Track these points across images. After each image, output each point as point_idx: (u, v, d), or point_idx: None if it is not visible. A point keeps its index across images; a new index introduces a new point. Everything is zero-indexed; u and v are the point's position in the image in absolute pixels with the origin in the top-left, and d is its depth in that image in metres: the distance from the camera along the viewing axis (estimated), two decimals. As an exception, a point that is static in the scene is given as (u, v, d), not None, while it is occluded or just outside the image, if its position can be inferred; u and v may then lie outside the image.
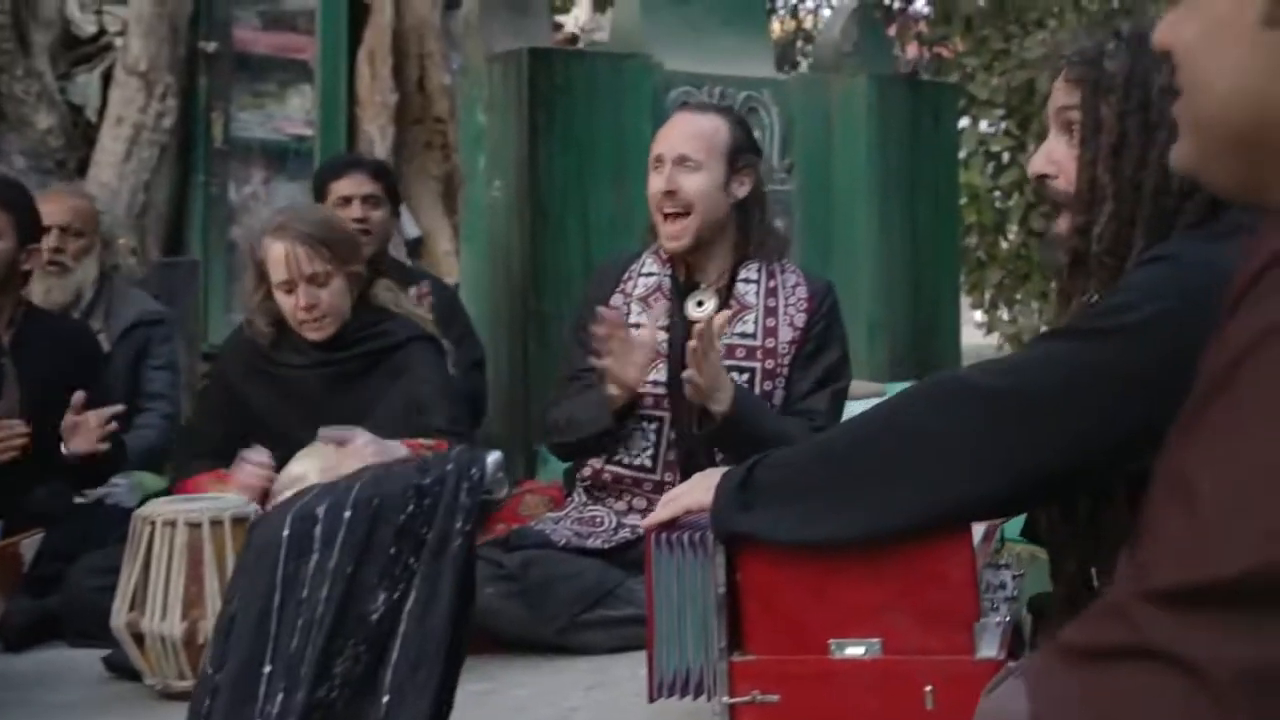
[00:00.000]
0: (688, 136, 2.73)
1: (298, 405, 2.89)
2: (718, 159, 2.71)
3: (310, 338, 2.87)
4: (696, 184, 2.69)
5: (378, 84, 6.39)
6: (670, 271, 2.79)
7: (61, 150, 5.99)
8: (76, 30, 6.08)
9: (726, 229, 2.75)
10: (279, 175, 6.36)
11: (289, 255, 2.78)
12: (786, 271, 2.80)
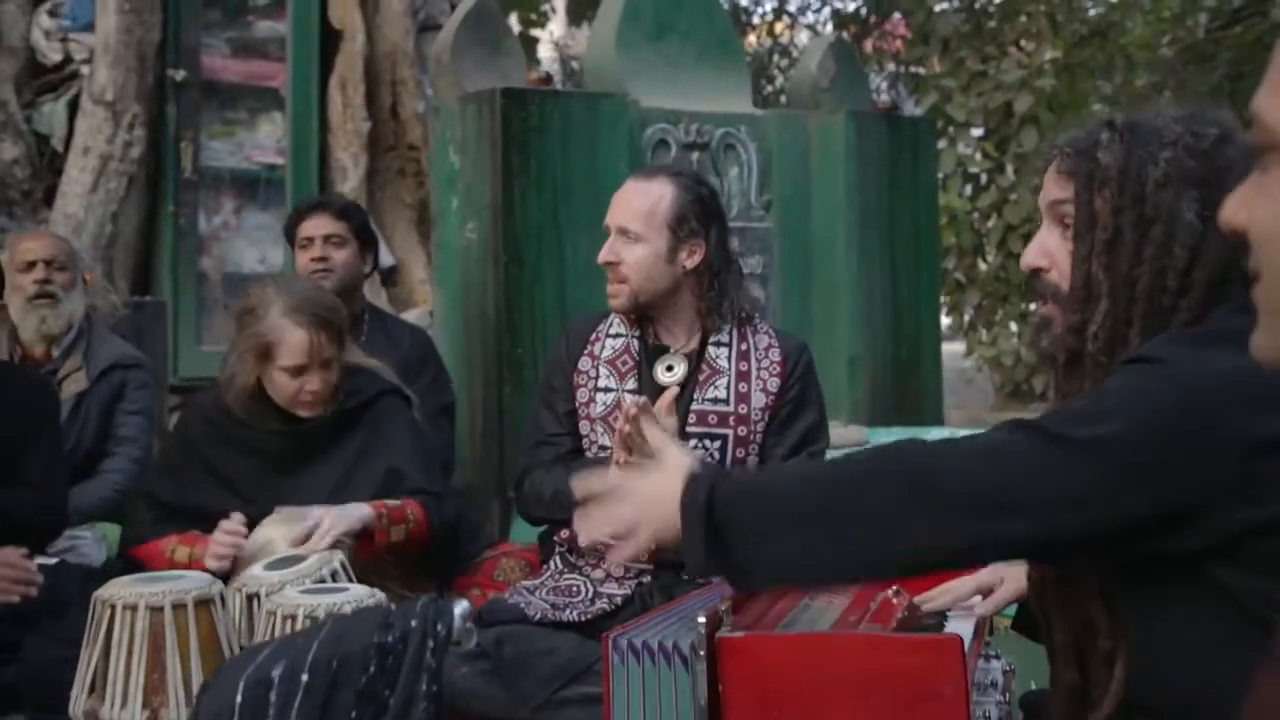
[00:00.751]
0: (628, 207, 2.69)
1: (268, 468, 2.82)
2: (659, 230, 2.65)
3: (302, 416, 2.80)
4: (634, 256, 2.65)
5: (350, 111, 6.31)
6: (638, 334, 2.73)
7: (27, 180, 5.88)
8: (42, 58, 5.97)
9: (681, 295, 2.69)
10: (250, 204, 6.26)
11: (312, 343, 2.73)
12: (759, 333, 2.74)
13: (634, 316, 2.72)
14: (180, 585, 2.23)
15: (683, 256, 2.68)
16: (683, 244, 2.67)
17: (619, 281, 2.67)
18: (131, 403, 3.62)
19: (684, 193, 2.70)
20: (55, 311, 3.53)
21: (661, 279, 2.66)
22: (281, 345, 2.73)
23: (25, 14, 5.93)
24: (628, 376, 2.68)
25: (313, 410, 2.79)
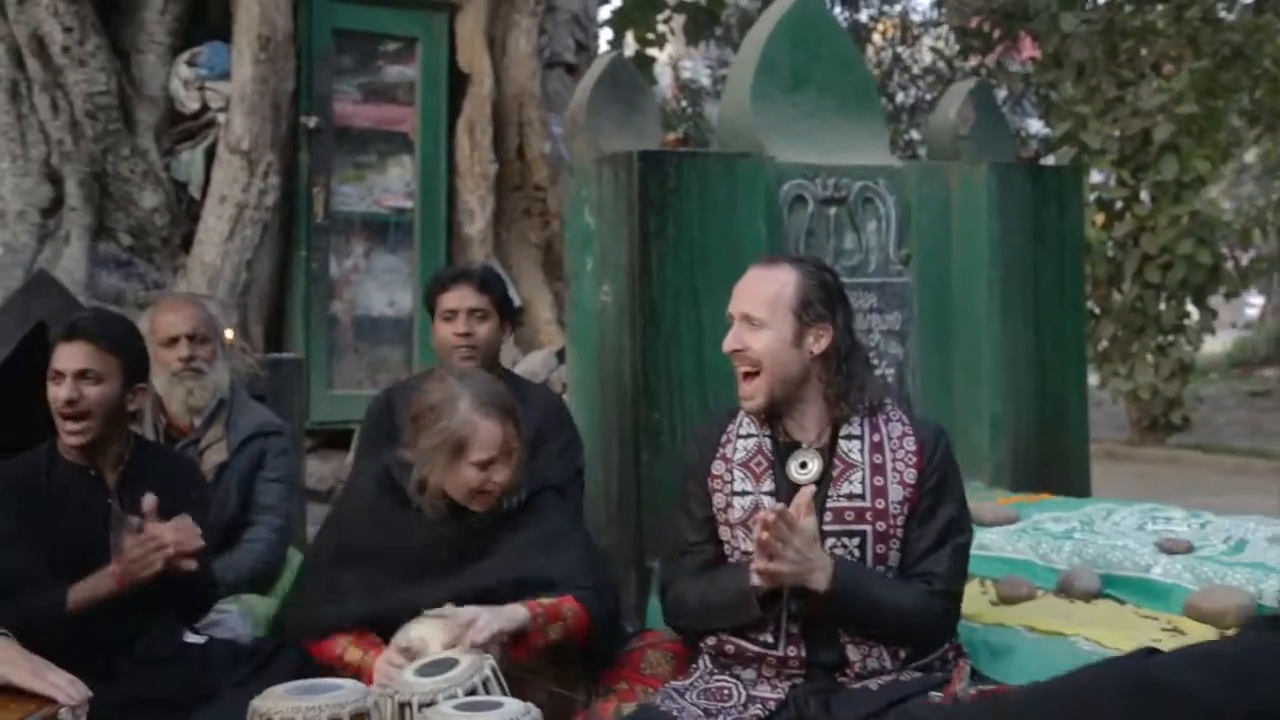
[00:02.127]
0: (752, 294, 2.64)
1: (431, 559, 2.80)
2: (784, 315, 2.59)
3: (477, 508, 2.79)
4: (760, 341, 2.60)
5: (477, 154, 6.34)
6: (769, 432, 2.66)
7: (166, 228, 6.01)
8: (180, 107, 6.10)
9: (810, 385, 2.62)
10: (379, 248, 6.33)
11: (505, 435, 2.74)
12: (891, 421, 2.65)
13: (765, 415, 2.65)
14: (337, 699, 2.21)
15: (809, 342, 2.61)
16: (809, 329, 2.61)
17: (750, 375, 2.61)
18: (272, 470, 3.63)
19: (807, 278, 2.65)
20: (201, 384, 3.56)
21: (791, 364, 2.60)
22: (474, 440, 2.72)
23: (165, 64, 6.07)
24: (763, 478, 2.62)
25: (489, 504, 2.78)
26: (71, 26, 5.69)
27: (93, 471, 3.01)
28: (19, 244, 5.78)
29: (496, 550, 2.79)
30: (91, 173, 5.84)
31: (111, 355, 2.95)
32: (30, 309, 4.41)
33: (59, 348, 2.95)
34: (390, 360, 6.31)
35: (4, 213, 5.80)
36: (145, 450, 3.17)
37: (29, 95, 5.81)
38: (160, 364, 3.55)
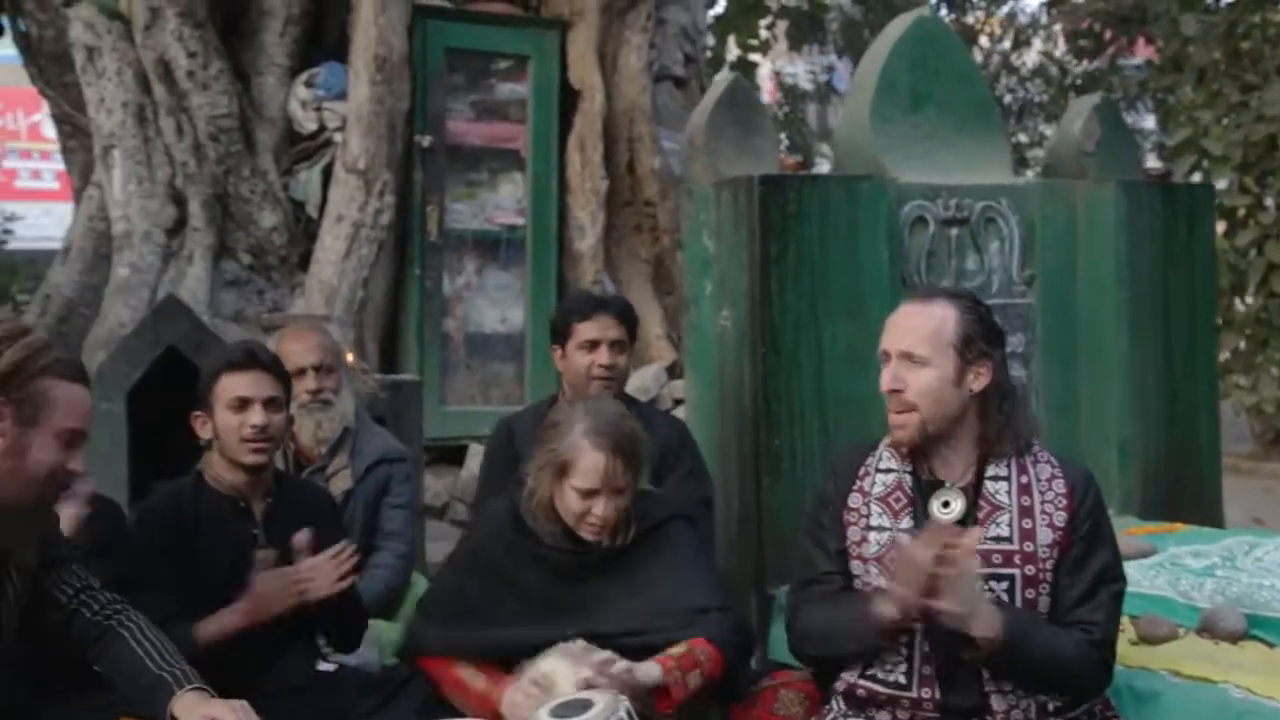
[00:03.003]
0: (911, 330, 2.56)
1: (555, 586, 2.81)
2: (945, 352, 2.52)
3: (585, 537, 2.79)
4: (921, 381, 2.52)
5: (588, 170, 6.36)
6: (910, 468, 2.60)
7: (284, 247, 6.12)
8: (298, 127, 6.20)
9: (965, 423, 2.55)
10: (491, 265, 6.38)
11: (607, 467, 2.73)
12: (1040, 463, 2.57)
13: (907, 450, 2.60)
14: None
15: (969, 379, 2.55)
16: (970, 366, 2.54)
17: (905, 410, 2.55)
18: (396, 496, 3.67)
19: (967, 313, 2.58)
20: (329, 415, 3.61)
21: (950, 403, 2.53)
22: (576, 465, 2.74)
23: (283, 85, 6.17)
24: (902, 514, 2.56)
25: (596, 536, 2.78)
26: (196, 51, 5.81)
27: (242, 503, 3.07)
28: (145, 264, 5.92)
29: (622, 581, 2.78)
30: (214, 194, 5.97)
31: (281, 383, 3.06)
32: (160, 333, 4.52)
33: (236, 375, 3.01)
34: (502, 376, 6.36)
35: (130, 234, 5.94)
36: (284, 482, 3.23)
37: (155, 119, 5.95)
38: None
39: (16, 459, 2.36)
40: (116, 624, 2.56)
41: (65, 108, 6.69)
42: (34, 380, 2.36)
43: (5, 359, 2.34)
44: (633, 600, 2.76)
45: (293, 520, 3.14)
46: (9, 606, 2.50)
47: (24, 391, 2.35)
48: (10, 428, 2.35)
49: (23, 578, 2.52)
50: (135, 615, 2.59)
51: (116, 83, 5.90)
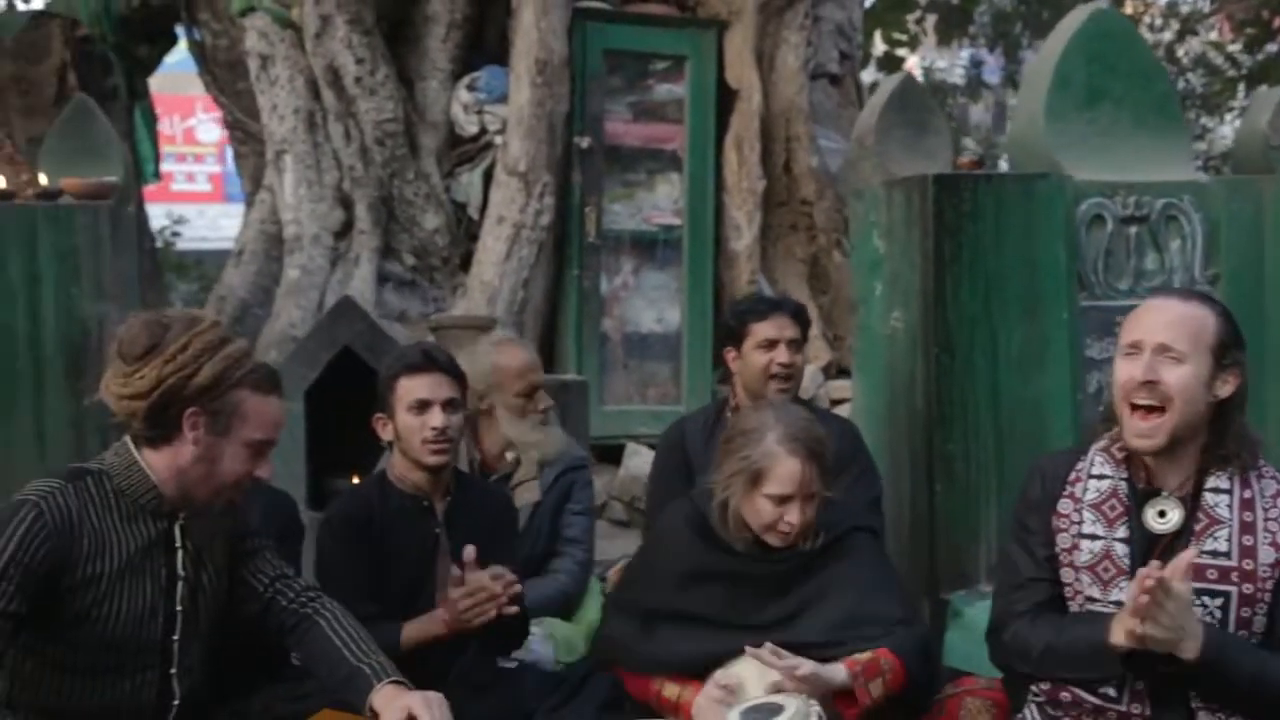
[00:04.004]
0: (1171, 324, 2.44)
1: (739, 592, 2.81)
2: (1204, 353, 2.43)
3: (773, 544, 2.80)
4: (1177, 376, 2.41)
5: (745, 170, 6.35)
6: (1126, 475, 2.52)
7: (446, 248, 6.24)
8: (460, 130, 6.32)
9: (1199, 431, 2.46)
10: (648, 265, 6.41)
11: (803, 474, 2.74)
12: (1264, 478, 2.47)
13: (1123, 455, 2.52)
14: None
15: (1217, 385, 2.45)
16: (1221, 372, 2.45)
17: (1152, 410, 2.43)
18: (577, 503, 3.71)
19: (1222, 317, 2.48)
20: (551, 434, 3.65)
21: (1198, 405, 2.42)
22: (771, 473, 2.74)
23: (446, 90, 6.30)
24: (1116, 523, 2.48)
25: (784, 542, 2.77)
26: (363, 58, 5.97)
27: (425, 502, 3.14)
28: (314, 266, 6.10)
29: (810, 591, 2.77)
30: (379, 196, 6.12)
31: (460, 384, 3.12)
32: (336, 334, 4.65)
33: (417, 378, 3.09)
34: (659, 376, 6.39)
35: (300, 236, 6.12)
36: (463, 482, 3.30)
37: (324, 124, 6.13)
38: (511, 409, 3.64)
39: (208, 466, 2.46)
40: (312, 611, 2.63)
41: (237, 114, 6.93)
42: (230, 393, 2.44)
43: (205, 372, 2.41)
44: (819, 610, 2.75)
45: (472, 519, 3.21)
46: (205, 597, 2.59)
47: (220, 403, 2.43)
48: (203, 437, 2.43)
49: (217, 570, 2.62)
50: (330, 603, 2.66)
51: (288, 89, 6.09)
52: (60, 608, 2.39)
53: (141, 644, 2.47)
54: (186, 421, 2.43)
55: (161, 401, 2.41)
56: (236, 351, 2.47)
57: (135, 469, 2.46)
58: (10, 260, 4.77)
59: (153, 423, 2.44)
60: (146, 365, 2.43)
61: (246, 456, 2.48)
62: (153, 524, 2.48)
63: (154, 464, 2.46)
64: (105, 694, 2.45)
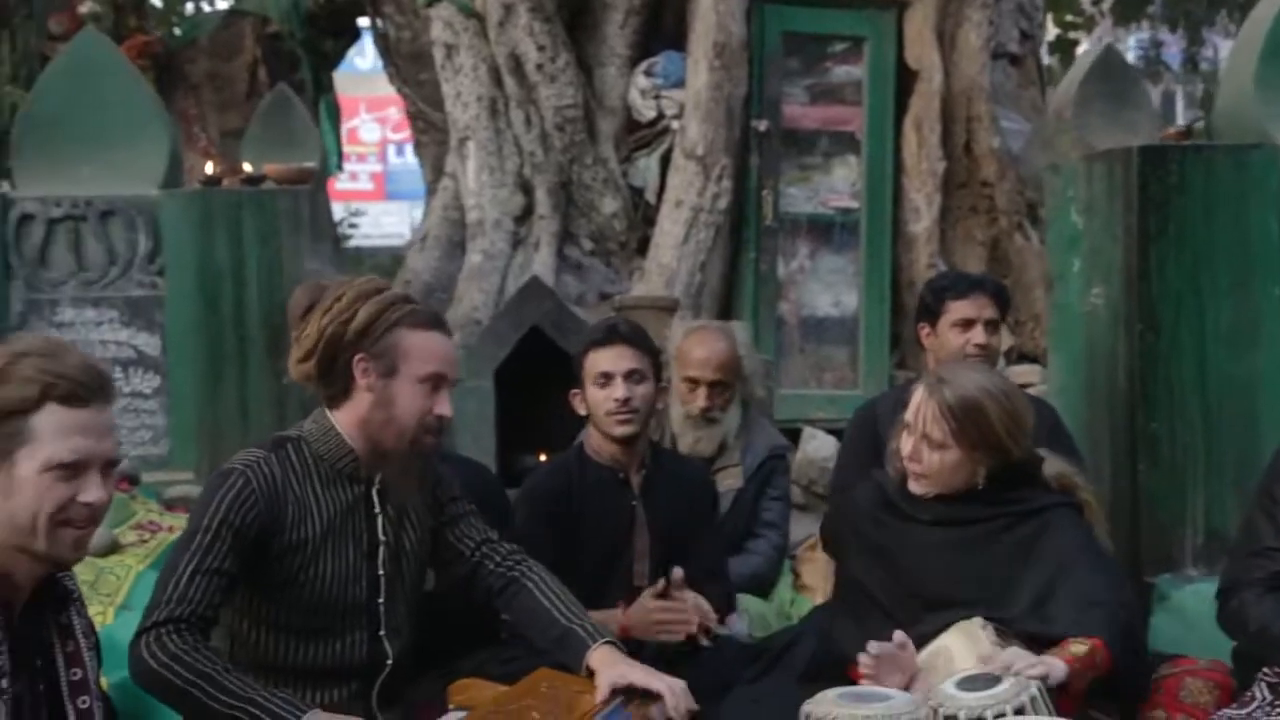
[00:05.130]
0: None
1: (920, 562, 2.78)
2: None
3: (915, 491, 2.78)
4: None
5: (925, 151, 6.26)
6: None
7: (624, 232, 6.30)
8: (637, 116, 6.37)
9: None
10: (825, 248, 6.37)
11: (921, 409, 2.72)
12: None
13: None
14: (891, 708, 2.23)
15: None
16: None
17: None
18: (775, 489, 3.73)
19: None
20: (709, 433, 3.65)
21: None
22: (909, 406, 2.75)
23: (623, 75, 6.35)
24: None
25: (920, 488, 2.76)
26: (545, 45, 6.07)
27: (621, 474, 3.18)
28: (495, 250, 6.22)
29: (998, 549, 2.71)
30: (559, 182, 6.21)
31: (647, 356, 3.15)
32: (523, 314, 4.75)
33: (600, 351, 3.14)
34: (835, 360, 6.35)
35: (483, 221, 6.26)
36: (660, 455, 3.33)
37: (506, 111, 6.25)
38: (679, 397, 3.67)
39: (386, 410, 2.50)
40: (520, 574, 2.68)
41: (419, 104, 7.11)
42: (389, 333, 2.48)
43: (360, 316, 2.47)
44: (1022, 583, 2.68)
45: (670, 493, 3.24)
46: (407, 561, 2.65)
47: (381, 345, 2.48)
48: (375, 382, 2.49)
49: (419, 534, 2.69)
50: (537, 566, 2.70)
51: (472, 77, 6.22)
52: (271, 571, 2.48)
53: (348, 606, 2.55)
54: (356, 369, 2.49)
55: (327, 354, 2.49)
56: (389, 296, 2.52)
57: (332, 433, 2.54)
58: (217, 243, 4.99)
59: (327, 380, 2.52)
60: (308, 324, 2.52)
61: (421, 394, 2.51)
62: (351, 489, 2.55)
63: (342, 423, 2.54)
64: (318, 654, 2.53)
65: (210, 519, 2.41)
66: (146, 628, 2.34)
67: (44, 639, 2.01)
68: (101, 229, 5.05)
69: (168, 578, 2.40)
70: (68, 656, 2.01)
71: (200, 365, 4.94)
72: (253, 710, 2.29)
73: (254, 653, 2.53)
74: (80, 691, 2.00)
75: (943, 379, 2.74)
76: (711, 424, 3.65)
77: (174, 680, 2.30)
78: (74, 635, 2.03)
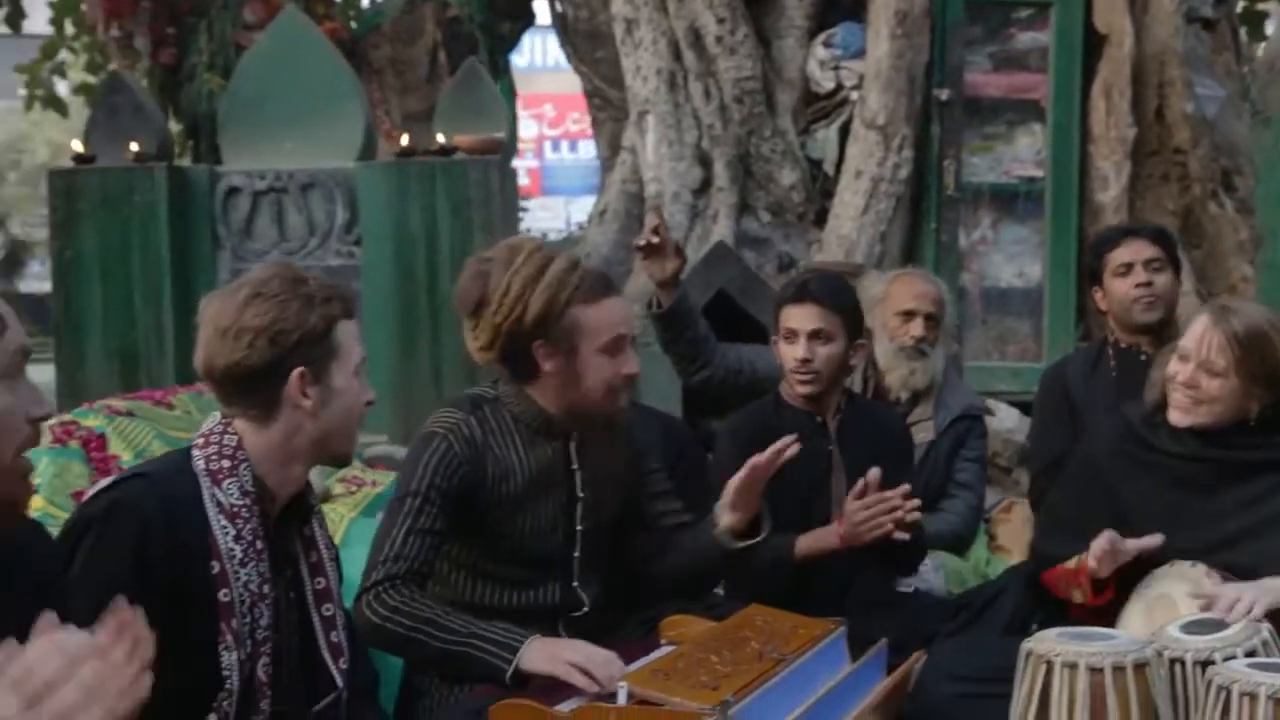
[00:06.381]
0: None
1: (1174, 498, 2.71)
2: None
3: (1179, 422, 2.71)
4: None
5: (1114, 118, 6.08)
6: None
7: (802, 204, 6.28)
8: (815, 87, 6.34)
9: None
10: (1007, 219, 6.25)
11: (1203, 338, 2.67)
12: None
13: None
14: (1117, 647, 2.19)
15: None
16: None
17: None
18: (970, 450, 3.71)
19: None
20: (924, 366, 3.66)
21: None
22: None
23: (802, 47, 6.33)
24: None
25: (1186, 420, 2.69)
26: (724, 17, 6.08)
27: (818, 419, 3.19)
28: (674, 223, 6.25)
29: (1257, 495, 2.63)
30: (737, 154, 6.22)
31: (837, 315, 3.13)
32: (710, 278, 4.78)
33: (789, 308, 3.15)
34: (1018, 332, 6.22)
35: (661, 194, 6.31)
36: (855, 401, 3.33)
37: (684, 84, 6.28)
38: (888, 332, 3.68)
39: (575, 387, 2.55)
40: None
41: (596, 82, 7.21)
42: (563, 316, 2.50)
43: (533, 307, 2.48)
44: (1266, 531, 2.60)
45: (866, 437, 3.23)
46: (604, 513, 2.69)
47: (558, 329, 2.51)
48: (559, 363, 2.53)
49: (616, 493, 2.73)
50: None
51: (651, 51, 6.28)
52: (472, 523, 2.56)
53: (545, 558, 2.62)
54: (538, 355, 2.52)
55: (507, 347, 2.53)
56: (555, 276, 2.51)
57: (524, 396, 2.60)
58: (411, 211, 5.17)
59: (511, 366, 2.58)
60: (480, 319, 2.55)
61: (606, 362, 2.55)
62: (549, 446, 2.61)
63: (535, 395, 2.59)
64: (517, 600, 2.61)
65: (419, 483, 2.49)
66: (366, 588, 2.43)
67: (291, 551, 2.13)
68: (302, 200, 5.28)
69: (383, 540, 2.48)
70: (312, 566, 2.12)
71: (394, 331, 5.12)
72: (477, 642, 2.37)
73: (452, 593, 2.61)
74: (324, 599, 2.10)
75: (1229, 309, 2.71)
76: (923, 356, 3.65)
77: (397, 630, 2.38)
78: (317, 547, 2.15)
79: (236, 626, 1.95)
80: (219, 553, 1.98)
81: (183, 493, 2.00)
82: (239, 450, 2.05)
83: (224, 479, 2.02)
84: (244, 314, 2.03)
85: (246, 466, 2.05)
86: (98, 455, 3.07)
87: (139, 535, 1.94)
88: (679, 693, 2.01)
